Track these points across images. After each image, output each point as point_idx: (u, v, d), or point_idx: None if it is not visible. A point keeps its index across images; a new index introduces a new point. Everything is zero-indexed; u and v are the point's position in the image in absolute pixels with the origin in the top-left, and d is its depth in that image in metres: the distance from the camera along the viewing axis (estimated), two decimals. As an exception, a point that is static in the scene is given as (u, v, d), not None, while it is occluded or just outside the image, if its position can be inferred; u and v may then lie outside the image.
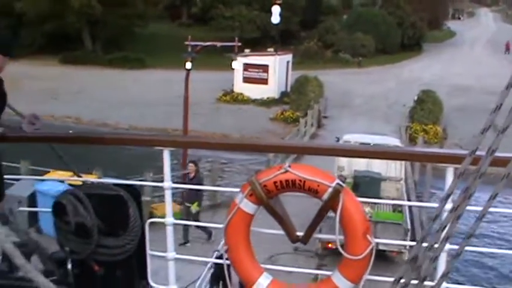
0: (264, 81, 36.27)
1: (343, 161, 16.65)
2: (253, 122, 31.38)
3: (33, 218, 7.58)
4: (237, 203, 2.96)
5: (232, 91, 36.98)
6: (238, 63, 36.27)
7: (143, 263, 3.32)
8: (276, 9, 38.00)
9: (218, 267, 6.37)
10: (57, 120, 30.78)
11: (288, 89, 36.59)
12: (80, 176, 4.33)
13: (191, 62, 20.29)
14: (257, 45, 42.83)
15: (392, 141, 18.86)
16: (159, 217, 3.64)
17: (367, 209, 13.35)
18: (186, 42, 21.75)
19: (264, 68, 36.26)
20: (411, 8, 61.31)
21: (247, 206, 2.94)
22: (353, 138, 17.96)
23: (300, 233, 3.03)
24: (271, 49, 38.20)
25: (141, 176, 16.45)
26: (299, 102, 33.14)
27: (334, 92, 36.29)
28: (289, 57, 39.13)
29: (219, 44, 22.27)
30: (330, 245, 13.03)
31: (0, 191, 3.55)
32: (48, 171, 16.68)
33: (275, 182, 2.88)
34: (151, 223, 3.36)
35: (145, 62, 42.52)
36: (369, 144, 14.74)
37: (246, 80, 36.67)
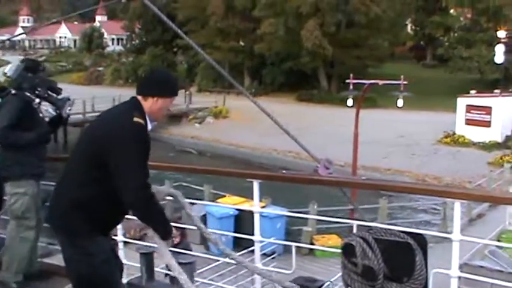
0: (487, 124, 34.35)
1: None
2: (469, 165, 30.32)
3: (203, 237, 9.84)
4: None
5: (454, 133, 35.98)
6: (460, 105, 34.94)
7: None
8: (499, 48, 35.90)
9: None
10: (279, 154, 33.00)
11: (515, 133, 34.48)
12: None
13: (353, 99, 21.51)
14: (497, 86, 39.39)
15: None
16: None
17: None
18: (347, 81, 22.53)
19: (487, 109, 34.34)
20: None
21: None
22: None
23: None
24: (498, 90, 36.15)
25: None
26: (521, 147, 31.32)
27: None
28: (516, 98, 36.64)
29: (381, 82, 21.22)
30: None
31: None
32: (224, 196, 19.00)
33: None
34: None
35: (377, 102, 42.93)
36: None
37: (468, 122, 35.15)
